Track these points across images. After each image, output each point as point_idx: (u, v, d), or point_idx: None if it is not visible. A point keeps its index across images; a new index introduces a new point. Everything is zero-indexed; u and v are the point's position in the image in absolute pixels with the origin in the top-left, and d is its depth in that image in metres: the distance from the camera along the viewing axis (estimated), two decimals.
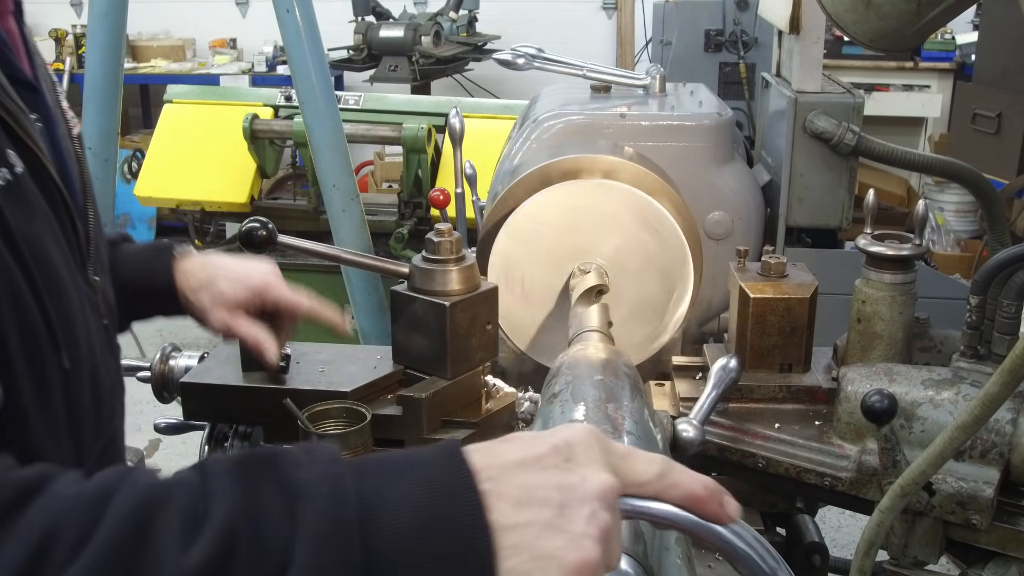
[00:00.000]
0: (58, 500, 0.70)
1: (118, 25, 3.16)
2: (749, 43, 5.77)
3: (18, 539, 0.66)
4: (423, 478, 0.70)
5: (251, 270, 1.51)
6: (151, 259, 1.48)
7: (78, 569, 0.65)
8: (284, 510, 0.68)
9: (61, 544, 0.66)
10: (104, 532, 0.67)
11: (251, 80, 6.71)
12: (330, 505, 0.67)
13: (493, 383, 1.73)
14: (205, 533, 0.67)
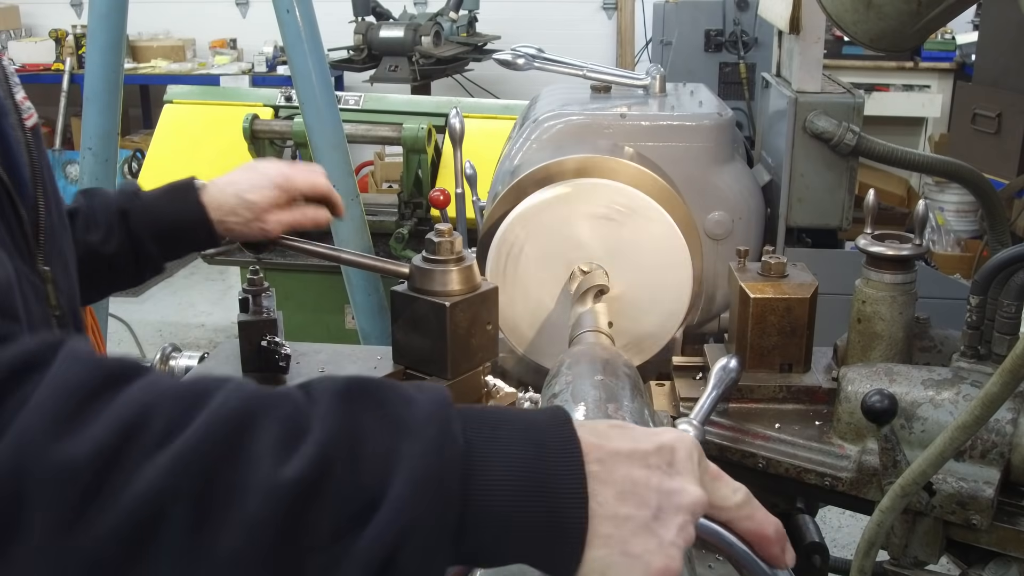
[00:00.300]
0: (154, 388, 0.68)
1: (118, 25, 3.16)
2: (749, 43, 5.77)
3: (112, 414, 0.65)
4: (532, 441, 0.69)
5: (264, 171, 1.62)
6: (178, 198, 1.58)
7: (164, 457, 0.63)
8: (387, 445, 0.66)
9: (153, 427, 0.65)
10: (198, 425, 0.65)
11: (251, 80, 6.72)
12: (435, 448, 0.66)
13: (493, 383, 1.73)
14: (303, 450, 0.65)
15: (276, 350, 1.70)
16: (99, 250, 1.51)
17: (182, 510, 0.62)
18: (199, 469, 0.64)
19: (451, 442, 0.66)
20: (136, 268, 1.57)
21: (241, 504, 0.63)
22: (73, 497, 0.62)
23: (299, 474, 0.64)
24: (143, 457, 0.64)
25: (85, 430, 0.64)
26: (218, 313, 5.87)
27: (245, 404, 0.67)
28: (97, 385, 0.67)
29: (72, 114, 6.74)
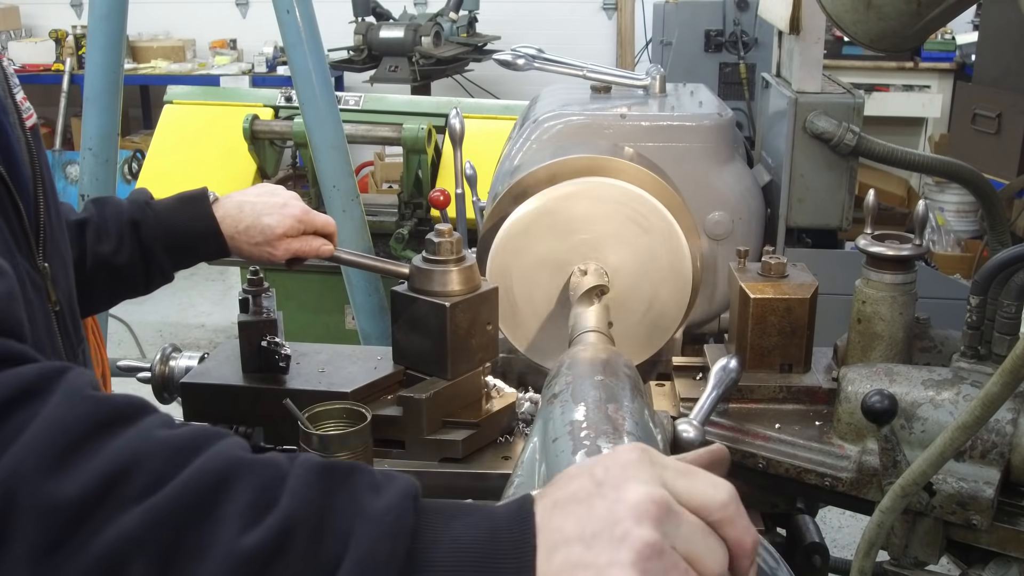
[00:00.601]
0: (147, 437, 0.70)
1: (118, 26, 3.16)
2: (749, 43, 5.77)
3: (101, 460, 0.67)
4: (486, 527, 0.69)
5: (286, 201, 1.64)
6: (190, 209, 1.58)
7: (142, 509, 0.66)
8: (347, 525, 0.68)
9: (138, 479, 0.67)
10: (179, 483, 0.67)
11: (251, 81, 6.72)
12: (385, 534, 0.67)
13: (493, 383, 1.73)
14: (268, 520, 0.67)
15: (276, 350, 1.70)
16: (110, 260, 1.51)
17: (148, 562, 0.65)
18: (170, 525, 0.66)
19: (402, 530, 0.68)
20: (146, 278, 1.58)
21: (204, 562, 0.66)
22: (53, 533, 0.65)
23: (260, 542, 0.66)
24: (122, 506, 0.66)
25: (74, 472, 0.66)
26: (218, 313, 5.87)
27: (228, 464, 0.70)
28: (92, 427, 0.69)
29: (72, 115, 6.74)
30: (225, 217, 1.59)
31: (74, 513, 0.65)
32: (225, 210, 1.59)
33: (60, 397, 0.70)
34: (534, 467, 1.18)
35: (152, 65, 7.07)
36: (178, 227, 1.56)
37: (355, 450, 1.49)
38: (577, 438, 1.15)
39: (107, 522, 0.65)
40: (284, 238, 1.62)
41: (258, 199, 1.63)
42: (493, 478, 1.58)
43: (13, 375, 0.70)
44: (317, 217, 1.67)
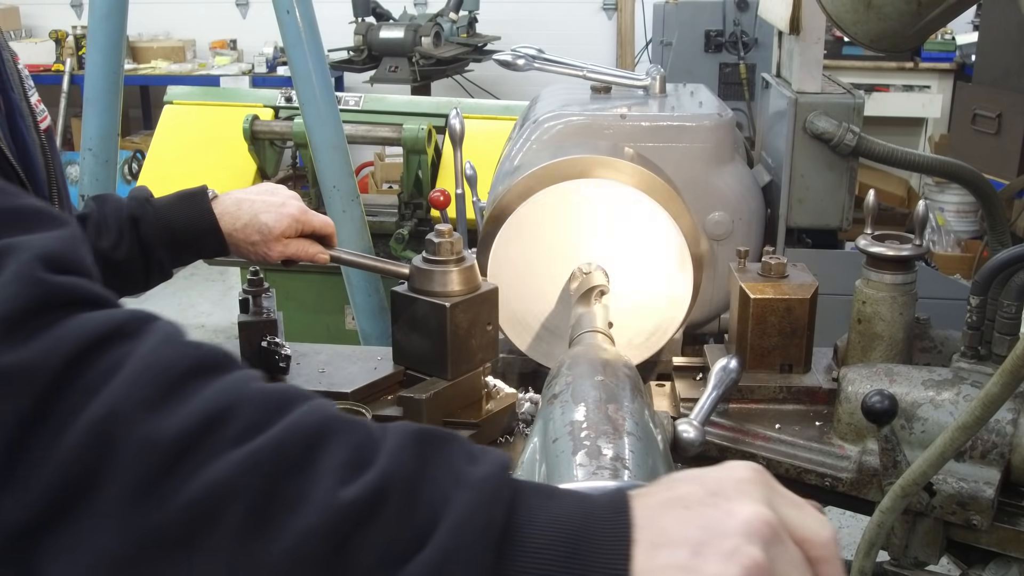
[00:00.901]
0: (244, 386, 0.70)
1: (118, 26, 3.16)
2: (749, 44, 5.77)
3: (200, 401, 0.67)
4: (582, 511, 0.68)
5: (284, 200, 1.64)
6: (189, 206, 1.58)
7: (239, 455, 0.65)
8: (444, 491, 0.67)
9: (235, 424, 0.67)
10: (276, 432, 0.67)
11: (251, 81, 6.72)
12: (484, 503, 0.66)
13: (493, 384, 1.73)
14: (366, 477, 0.66)
15: (276, 351, 1.70)
16: (109, 256, 1.52)
17: (243, 507, 0.64)
18: (266, 473, 0.65)
19: (499, 500, 0.67)
20: (145, 275, 1.58)
21: (298, 513, 0.64)
22: (149, 472, 0.64)
23: (357, 498, 0.65)
24: (220, 449, 0.65)
25: (173, 411, 0.66)
26: (218, 314, 5.87)
27: (323, 421, 0.69)
28: (190, 368, 0.69)
29: (72, 115, 6.74)
30: (224, 214, 1.59)
31: (172, 453, 0.64)
32: (224, 207, 1.60)
33: (156, 337, 0.70)
34: (534, 467, 1.18)
35: (152, 65, 7.07)
36: (177, 223, 1.56)
37: None
38: (577, 438, 1.15)
39: (204, 465, 0.64)
40: (281, 238, 1.62)
41: (257, 197, 1.63)
42: None
43: (106, 314, 0.70)
44: (315, 217, 1.66)
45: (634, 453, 1.13)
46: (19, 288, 0.67)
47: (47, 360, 0.65)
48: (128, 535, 0.63)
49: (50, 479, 0.63)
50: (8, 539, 0.63)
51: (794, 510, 0.69)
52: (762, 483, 0.69)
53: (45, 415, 0.64)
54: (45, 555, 0.63)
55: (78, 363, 0.66)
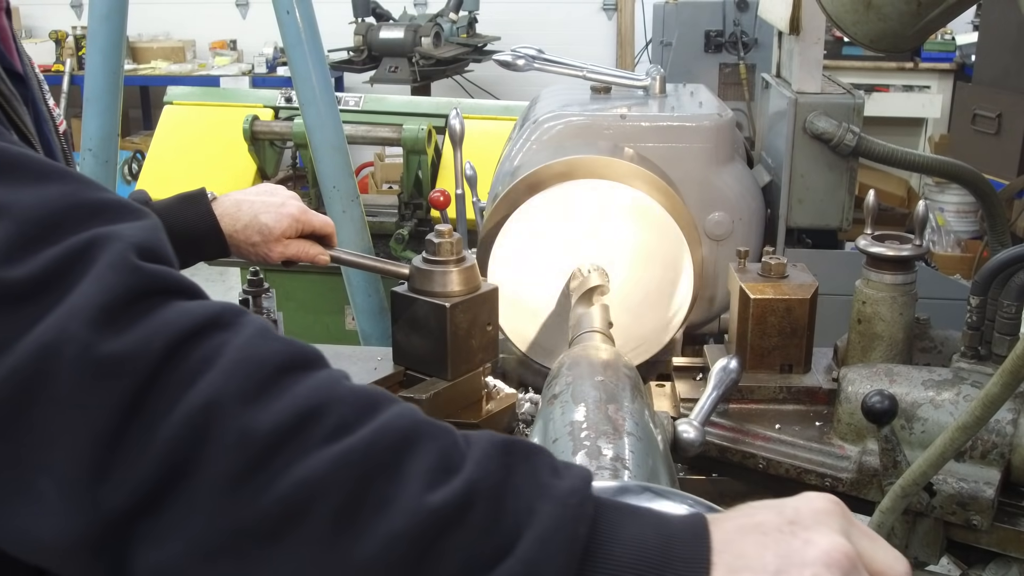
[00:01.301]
0: (334, 382, 0.70)
1: (118, 27, 3.16)
2: (749, 44, 5.77)
3: (294, 397, 0.67)
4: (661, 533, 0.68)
5: (283, 200, 1.63)
6: (189, 208, 1.58)
7: (331, 453, 0.65)
8: (528, 501, 0.67)
9: (327, 421, 0.67)
10: (366, 433, 0.67)
11: (251, 81, 6.72)
12: (568, 516, 0.67)
13: (493, 384, 1.73)
14: (453, 483, 0.66)
15: None
16: None
17: (331, 506, 0.64)
18: (358, 473, 0.65)
19: (583, 515, 0.68)
20: None
21: (386, 515, 0.65)
22: (243, 464, 0.64)
23: (444, 504, 0.65)
24: (312, 446, 0.65)
25: (268, 405, 0.66)
26: None
27: (412, 425, 0.70)
28: (284, 363, 0.69)
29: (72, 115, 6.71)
30: (223, 215, 1.59)
31: (266, 447, 0.64)
32: (223, 208, 1.59)
33: (250, 330, 0.70)
34: None
35: (152, 66, 7.07)
36: (178, 226, 1.55)
37: None
38: (577, 439, 1.15)
39: (296, 461, 0.64)
40: (282, 238, 1.61)
41: (256, 198, 1.62)
42: None
43: (200, 304, 0.70)
44: (315, 217, 1.66)
45: (634, 453, 1.13)
46: (116, 276, 0.67)
47: (147, 348, 0.65)
48: (220, 525, 0.64)
49: (148, 467, 0.63)
50: (105, 526, 0.63)
51: (870, 543, 0.70)
52: (840, 515, 0.70)
53: (144, 404, 0.64)
54: (140, 543, 0.64)
55: (176, 352, 0.66)
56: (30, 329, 0.64)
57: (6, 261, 0.65)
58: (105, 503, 0.63)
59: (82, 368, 0.63)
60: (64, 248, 0.67)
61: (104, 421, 0.63)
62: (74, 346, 0.64)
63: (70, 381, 0.63)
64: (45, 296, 0.65)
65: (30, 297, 0.65)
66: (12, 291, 0.65)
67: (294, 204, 1.64)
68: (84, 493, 0.62)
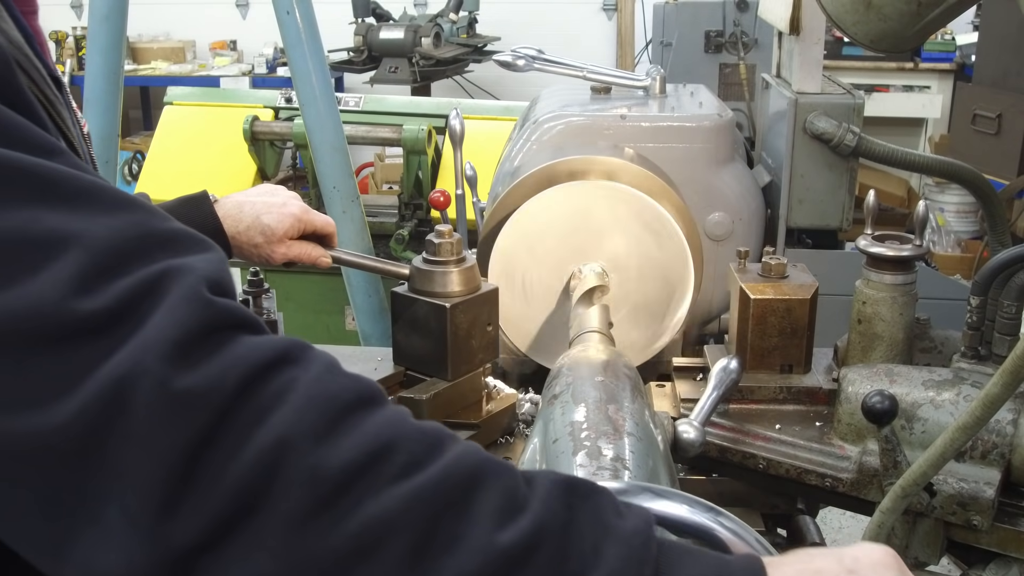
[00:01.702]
0: (400, 418, 0.70)
1: (118, 27, 3.16)
2: (749, 44, 5.77)
3: (363, 436, 0.67)
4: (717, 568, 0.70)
5: (285, 200, 1.63)
6: (192, 210, 1.57)
7: (401, 491, 0.65)
8: (593, 541, 0.68)
9: (397, 459, 0.67)
10: (435, 472, 0.67)
11: (251, 82, 6.72)
12: (634, 558, 0.68)
13: (494, 384, 1.73)
14: (521, 523, 0.67)
15: None
16: None
17: (402, 545, 0.64)
18: (429, 511, 0.66)
19: (648, 557, 0.69)
20: None
21: (456, 555, 0.65)
22: (314, 502, 0.64)
23: (513, 542, 0.66)
24: (383, 484, 0.66)
25: (339, 443, 0.66)
26: None
27: (479, 463, 0.70)
28: (353, 400, 0.69)
29: None
30: (225, 217, 1.58)
31: (337, 485, 0.64)
32: (225, 210, 1.59)
33: (319, 366, 0.70)
34: (535, 468, 1.18)
35: (152, 66, 7.07)
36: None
37: None
38: (577, 439, 1.15)
39: (367, 499, 0.65)
40: (284, 239, 1.61)
41: (258, 199, 1.62)
42: None
43: (269, 339, 0.70)
44: (316, 217, 1.66)
45: (634, 454, 1.13)
46: (189, 310, 0.67)
47: (221, 384, 0.65)
48: (288, 563, 0.64)
49: (217, 503, 0.63)
50: (171, 560, 0.63)
51: None
52: (897, 568, 0.72)
53: (216, 439, 0.64)
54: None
55: (248, 388, 0.66)
56: (104, 362, 0.64)
57: (80, 292, 0.65)
58: (173, 538, 0.62)
59: (157, 402, 0.63)
60: (137, 279, 0.67)
61: (176, 456, 0.63)
62: (149, 380, 0.63)
63: (144, 415, 0.63)
64: (119, 328, 0.65)
65: (104, 329, 0.65)
66: (87, 323, 0.64)
67: (295, 204, 1.64)
68: (152, 527, 0.62)
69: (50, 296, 0.64)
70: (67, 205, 0.68)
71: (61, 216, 0.67)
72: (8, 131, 0.69)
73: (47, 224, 0.66)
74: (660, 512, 0.79)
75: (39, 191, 0.67)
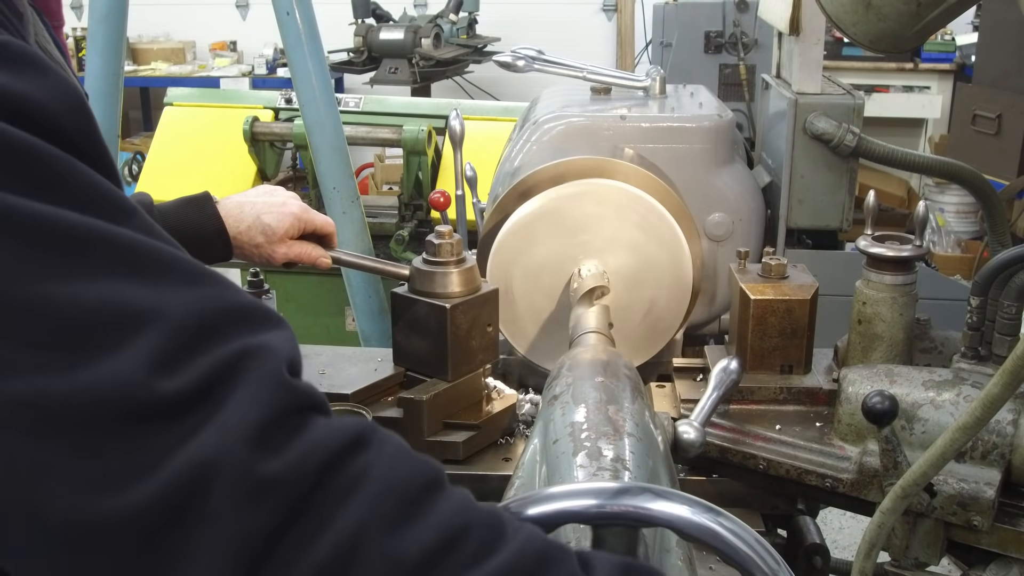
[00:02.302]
0: (467, 501, 0.70)
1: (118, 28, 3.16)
2: (749, 45, 5.77)
3: (436, 522, 0.67)
4: None
5: (284, 200, 1.64)
6: (195, 210, 1.58)
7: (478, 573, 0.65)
8: None
9: (469, 545, 0.67)
10: (506, 555, 0.67)
11: (251, 82, 6.72)
12: None
13: (494, 385, 1.73)
14: None
15: None
16: None
17: None
18: None
19: None
20: None
21: None
22: None
23: None
24: (457, 571, 0.66)
25: (415, 529, 0.66)
26: None
27: (544, 549, 0.70)
28: (423, 485, 0.69)
29: None
30: (227, 217, 1.59)
31: (414, 572, 0.64)
32: (226, 211, 1.59)
33: (390, 449, 0.70)
34: (535, 469, 1.18)
35: (152, 67, 7.07)
36: (185, 228, 1.55)
37: None
38: (578, 439, 1.15)
39: None
40: (285, 238, 1.61)
41: (258, 199, 1.63)
42: (494, 480, 1.58)
43: (341, 424, 0.69)
44: (316, 216, 1.66)
45: (634, 454, 1.13)
46: (270, 392, 0.66)
47: (303, 470, 0.64)
48: None
49: None
50: None
51: None
52: None
53: (294, 526, 0.63)
54: None
55: (327, 474, 0.65)
56: (184, 444, 0.62)
57: (161, 371, 0.63)
58: None
59: (238, 487, 0.62)
60: (217, 358, 0.65)
61: (255, 542, 0.62)
62: (231, 464, 0.62)
63: (224, 500, 0.62)
64: (200, 409, 0.63)
65: (185, 411, 0.63)
66: (168, 404, 0.63)
67: (295, 203, 1.64)
68: None
69: (131, 376, 0.62)
70: (147, 277, 0.66)
71: (141, 289, 0.65)
72: (88, 194, 0.67)
73: (128, 298, 0.64)
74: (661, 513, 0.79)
75: (119, 262, 0.65)
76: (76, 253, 0.64)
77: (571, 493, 0.83)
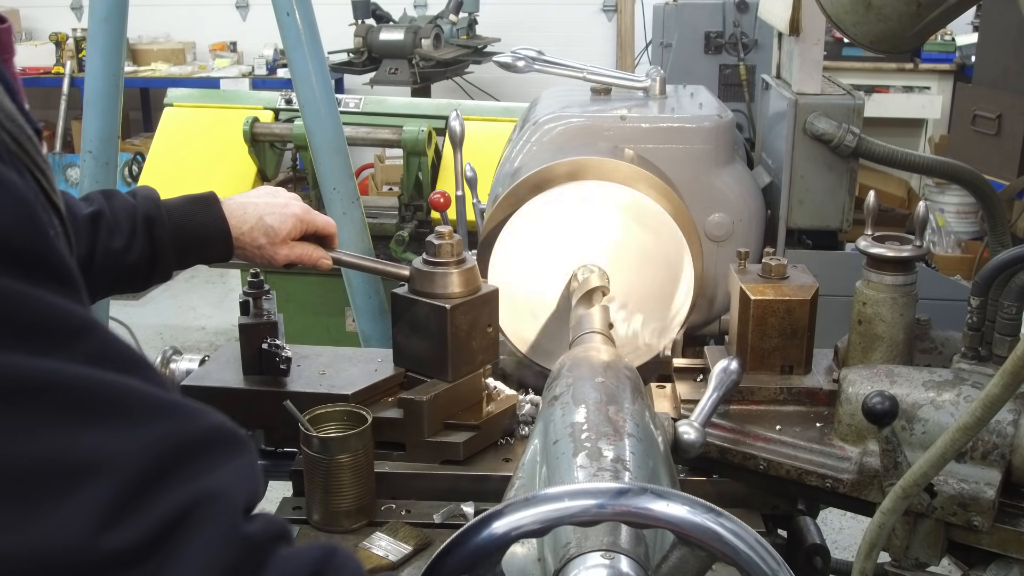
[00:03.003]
0: None
1: (119, 29, 3.16)
2: (749, 45, 5.77)
3: None
4: None
5: (286, 201, 1.63)
6: (202, 209, 1.57)
7: None
8: None
9: None
10: None
11: (251, 83, 6.72)
12: None
13: (494, 385, 1.73)
14: None
15: (277, 353, 1.70)
16: (120, 257, 1.48)
17: None
18: None
19: None
20: (148, 276, 1.54)
21: None
22: None
23: None
24: None
25: None
26: (219, 316, 5.86)
27: None
28: None
29: (72, 117, 6.74)
30: (230, 218, 1.58)
31: None
32: (230, 211, 1.59)
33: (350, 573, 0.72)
34: (535, 469, 1.18)
35: (152, 68, 7.07)
36: (190, 227, 1.54)
37: (356, 452, 1.49)
38: (578, 440, 1.15)
39: None
40: (287, 239, 1.61)
41: (260, 200, 1.62)
42: (494, 480, 1.58)
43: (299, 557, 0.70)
44: (318, 217, 1.66)
45: (635, 455, 1.13)
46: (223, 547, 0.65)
47: None
48: None
49: None
50: None
51: None
52: None
53: None
54: None
55: None
56: None
57: (108, 526, 0.61)
58: None
59: None
60: (168, 509, 0.64)
61: None
62: None
63: None
64: (150, 562, 0.62)
65: (134, 565, 0.62)
66: (114, 560, 0.61)
67: (297, 204, 1.64)
68: None
69: (76, 532, 0.60)
70: (97, 419, 0.64)
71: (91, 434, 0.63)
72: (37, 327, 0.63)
73: (75, 448, 0.62)
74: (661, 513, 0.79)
75: (69, 407, 0.63)
76: (23, 401, 0.61)
77: (571, 493, 0.83)
